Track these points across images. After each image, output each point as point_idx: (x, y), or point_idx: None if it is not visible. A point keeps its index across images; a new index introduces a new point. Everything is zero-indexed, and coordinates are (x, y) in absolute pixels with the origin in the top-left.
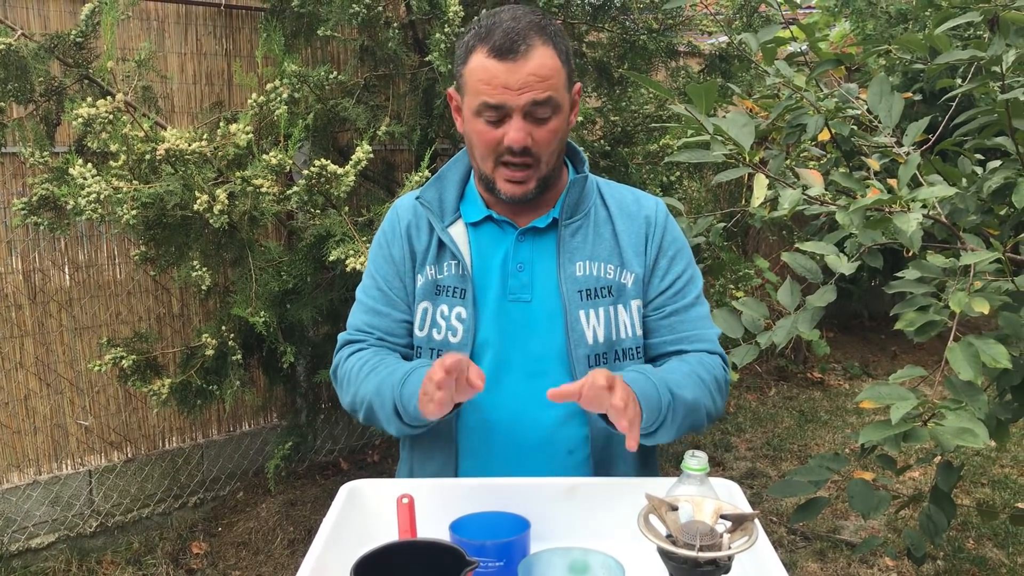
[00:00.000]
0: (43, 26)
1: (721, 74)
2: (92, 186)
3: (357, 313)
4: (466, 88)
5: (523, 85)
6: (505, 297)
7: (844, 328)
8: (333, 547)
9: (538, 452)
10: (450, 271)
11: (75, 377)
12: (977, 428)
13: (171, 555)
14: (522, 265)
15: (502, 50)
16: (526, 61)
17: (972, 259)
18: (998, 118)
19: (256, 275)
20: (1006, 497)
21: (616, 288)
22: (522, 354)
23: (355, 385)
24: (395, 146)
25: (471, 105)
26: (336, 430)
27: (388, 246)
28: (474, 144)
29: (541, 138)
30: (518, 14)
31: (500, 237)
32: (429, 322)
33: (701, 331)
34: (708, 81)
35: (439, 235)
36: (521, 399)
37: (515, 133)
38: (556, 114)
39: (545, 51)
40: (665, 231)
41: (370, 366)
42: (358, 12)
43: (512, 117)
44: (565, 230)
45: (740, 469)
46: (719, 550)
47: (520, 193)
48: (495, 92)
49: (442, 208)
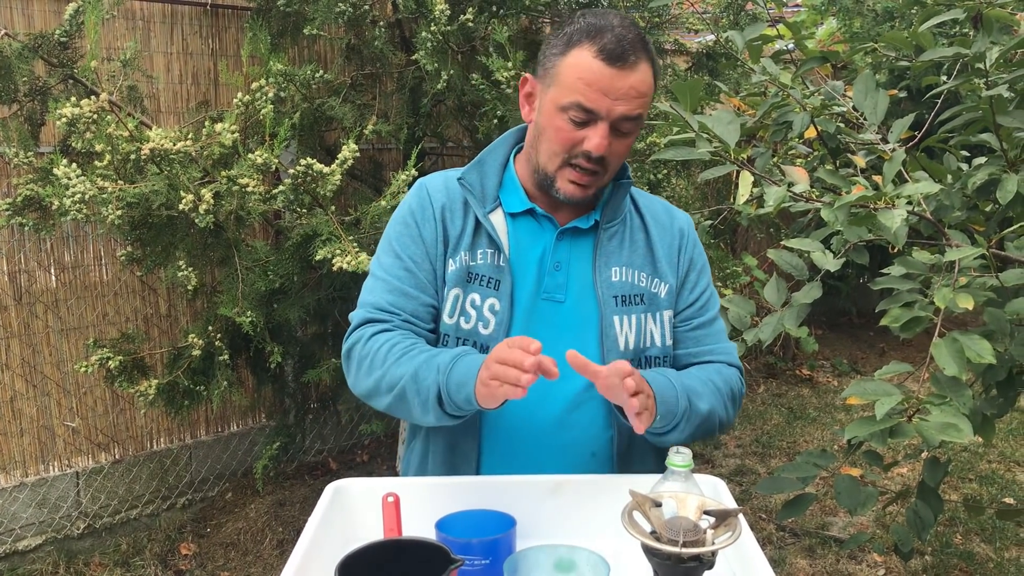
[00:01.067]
0: (27, 25)
1: (708, 72)
2: (77, 186)
3: (379, 292)
4: (558, 80)
5: (622, 96)
6: (539, 295)
7: (832, 325)
8: (318, 546)
9: (562, 454)
10: (485, 259)
11: (62, 378)
12: (961, 423)
13: (159, 556)
14: (559, 264)
15: (613, 55)
16: (632, 73)
17: (957, 255)
18: (982, 115)
19: (243, 275)
20: (993, 492)
21: (648, 297)
22: (549, 353)
23: (382, 368)
24: (382, 145)
25: (559, 99)
26: (325, 430)
27: (418, 226)
28: (548, 139)
29: (618, 150)
30: (627, 23)
31: (539, 232)
32: (459, 310)
33: (724, 344)
34: (694, 79)
35: (480, 220)
36: (543, 399)
37: (600, 140)
38: (636, 130)
39: (647, 68)
40: (696, 246)
41: (402, 348)
42: (344, 11)
43: (599, 124)
44: (604, 234)
45: (729, 466)
46: (702, 546)
47: (580, 196)
48: (593, 96)
49: (484, 193)
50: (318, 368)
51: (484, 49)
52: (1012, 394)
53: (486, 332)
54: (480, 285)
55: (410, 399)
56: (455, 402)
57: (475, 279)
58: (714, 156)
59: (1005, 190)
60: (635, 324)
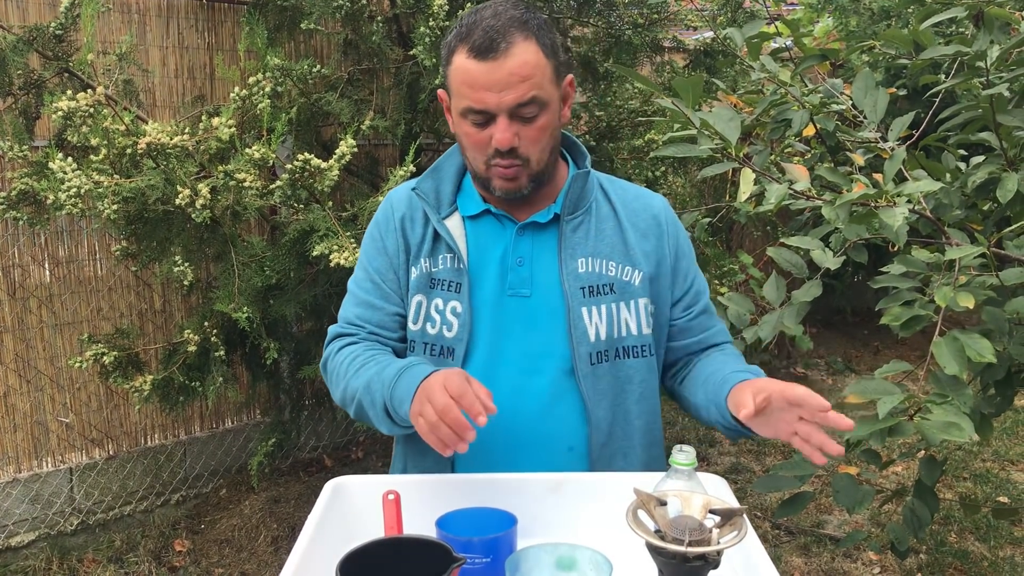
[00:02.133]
0: (22, 18)
1: (706, 69)
2: (72, 180)
3: (348, 306)
4: (451, 89)
5: (505, 86)
6: (504, 292)
7: (827, 324)
8: (318, 544)
9: (537, 448)
10: (445, 264)
11: (56, 374)
12: (963, 422)
13: (153, 553)
14: (522, 260)
15: (481, 49)
16: (506, 59)
17: (957, 254)
18: (982, 113)
19: (239, 270)
20: (988, 491)
21: (619, 286)
22: (518, 350)
23: (344, 380)
24: (379, 140)
25: (457, 107)
26: (320, 426)
27: (382, 238)
28: (465, 146)
29: (529, 136)
30: (499, 10)
31: (499, 231)
32: (423, 316)
33: (720, 326)
34: (694, 76)
35: (434, 227)
36: (517, 395)
37: (500, 135)
38: (543, 111)
39: (527, 46)
40: (679, 232)
41: (360, 361)
42: (342, 5)
43: (497, 119)
44: (567, 225)
45: (724, 464)
46: (708, 545)
47: (512, 188)
48: (477, 96)
49: (438, 200)
50: (314, 364)
51: None
52: (1010, 393)
53: (450, 335)
54: (442, 290)
55: (367, 410)
56: (401, 416)
57: (437, 284)
58: (713, 154)
59: (1005, 189)
60: (605, 314)
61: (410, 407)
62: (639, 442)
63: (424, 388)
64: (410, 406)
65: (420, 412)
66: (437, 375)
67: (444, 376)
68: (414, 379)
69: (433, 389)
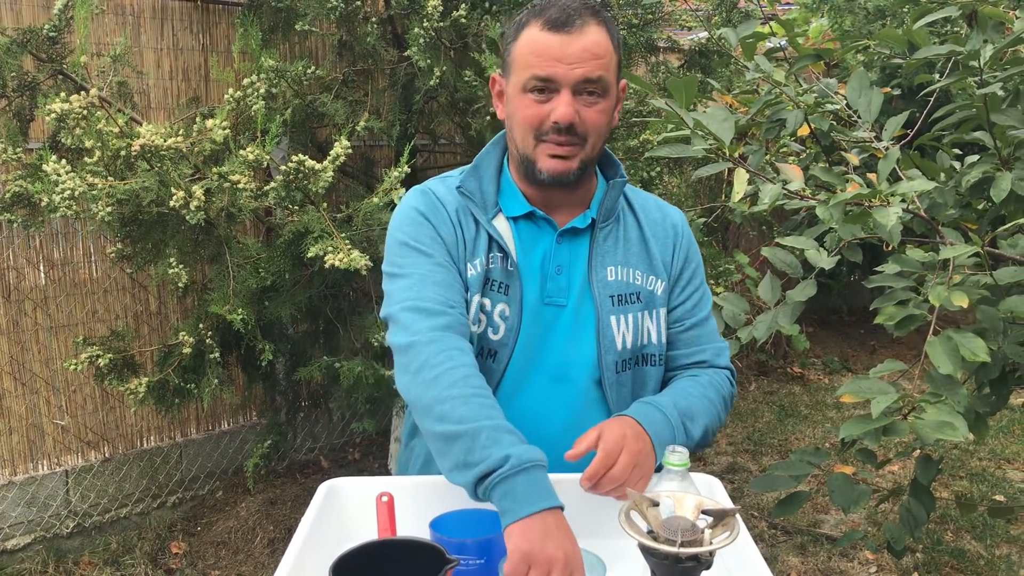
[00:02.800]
0: (15, 20)
1: (701, 69)
2: (66, 183)
3: (422, 286)
4: (515, 64)
5: (576, 60)
6: (541, 299)
7: (823, 323)
8: (311, 546)
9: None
10: (496, 264)
11: (51, 376)
12: (957, 421)
13: (150, 555)
14: (560, 268)
15: (557, 23)
16: (581, 35)
17: (951, 253)
18: (976, 113)
19: (234, 272)
20: (984, 490)
21: (645, 295)
22: (552, 359)
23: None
24: (374, 142)
25: (519, 81)
26: (316, 428)
27: (435, 226)
28: (518, 122)
29: (589, 118)
30: None
31: (539, 236)
32: (472, 315)
33: (717, 345)
34: (689, 76)
35: (485, 228)
36: (546, 403)
37: (564, 108)
38: (605, 97)
39: (600, 31)
40: (690, 243)
41: (472, 387)
42: (336, 7)
43: (560, 92)
44: (600, 233)
45: (721, 464)
46: (700, 546)
47: (563, 169)
48: (546, 64)
49: (484, 200)
50: (309, 366)
51: (477, 46)
52: (1005, 392)
53: (496, 337)
54: (493, 290)
55: (455, 448)
56: (488, 497)
57: (490, 284)
58: (708, 154)
59: (999, 188)
60: (632, 323)
61: (520, 523)
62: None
63: (550, 542)
64: (520, 521)
65: (531, 564)
66: (565, 536)
67: (571, 561)
68: (539, 493)
69: (557, 570)
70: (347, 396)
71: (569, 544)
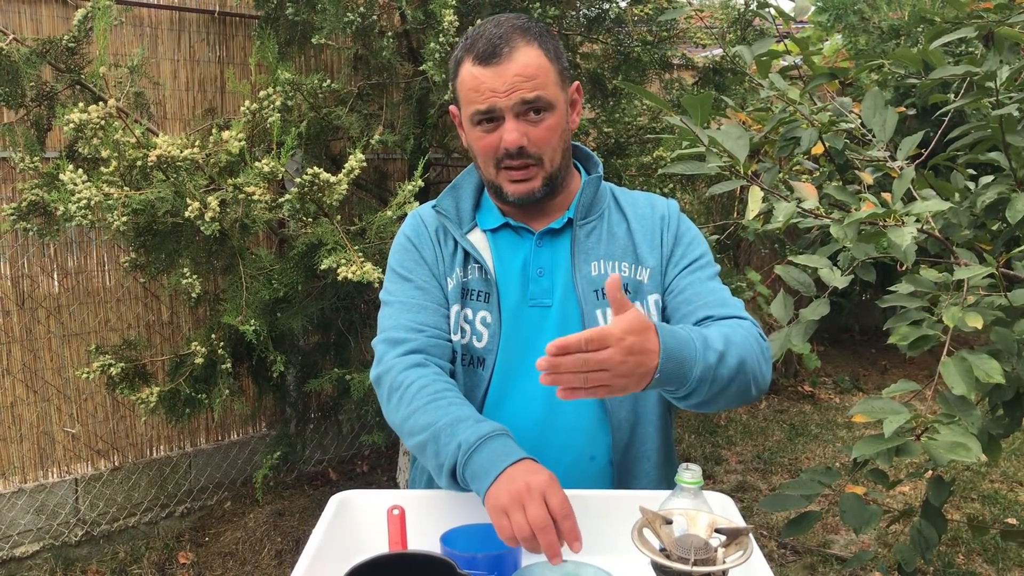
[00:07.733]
0: (35, 31)
1: (715, 87)
2: (83, 192)
3: (397, 314)
4: (460, 100)
5: (510, 87)
6: (525, 302)
7: (834, 342)
8: (322, 559)
9: (559, 457)
10: (473, 274)
11: (63, 384)
12: (970, 443)
13: (157, 565)
14: (542, 270)
15: (485, 56)
16: (511, 62)
17: (965, 274)
18: (991, 133)
19: (247, 283)
20: (996, 512)
21: (633, 285)
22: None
23: (409, 407)
24: (388, 155)
25: (466, 116)
26: (325, 440)
27: (418, 250)
28: (477, 153)
29: (537, 137)
30: (501, 20)
31: (518, 243)
32: (453, 325)
33: (727, 297)
34: (703, 93)
35: (459, 242)
36: (539, 405)
37: (508, 135)
38: (550, 112)
39: (529, 50)
40: (680, 223)
41: (431, 393)
42: (352, 21)
43: (504, 120)
44: (580, 230)
45: (730, 482)
46: (714, 564)
47: (525, 191)
48: (484, 98)
49: (459, 216)
50: (320, 378)
51: None
52: (1019, 414)
53: (480, 345)
54: (472, 299)
55: (428, 456)
56: (471, 488)
57: (469, 294)
58: (722, 171)
59: (1014, 209)
60: None
61: (489, 490)
62: (659, 445)
63: (516, 483)
64: (489, 488)
65: (507, 512)
66: (530, 472)
67: (543, 484)
68: (497, 457)
69: (531, 496)
70: (357, 408)
71: (535, 475)
